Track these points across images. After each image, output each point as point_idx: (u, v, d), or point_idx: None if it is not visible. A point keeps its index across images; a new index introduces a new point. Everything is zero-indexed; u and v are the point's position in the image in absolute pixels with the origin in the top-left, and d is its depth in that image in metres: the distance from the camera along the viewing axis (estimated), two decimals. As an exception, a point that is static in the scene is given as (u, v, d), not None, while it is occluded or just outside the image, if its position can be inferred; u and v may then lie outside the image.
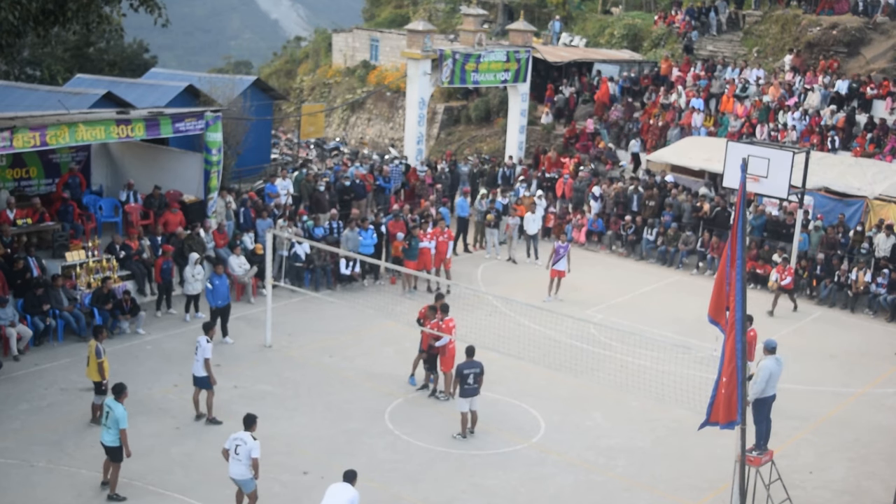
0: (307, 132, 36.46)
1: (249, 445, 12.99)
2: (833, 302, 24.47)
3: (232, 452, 13.09)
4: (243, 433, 13.14)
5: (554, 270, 23.59)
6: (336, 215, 25.30)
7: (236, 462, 13.06)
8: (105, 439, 13.92)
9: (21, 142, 19.49)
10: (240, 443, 13.03)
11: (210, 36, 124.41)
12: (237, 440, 13.08)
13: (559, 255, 23.46)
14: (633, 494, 14.97)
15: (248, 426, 13.22)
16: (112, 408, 13.84)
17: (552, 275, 23.66)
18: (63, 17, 20.32)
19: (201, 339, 16.34)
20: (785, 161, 23.73)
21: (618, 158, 32.61)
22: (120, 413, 13.78)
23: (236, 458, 13.05)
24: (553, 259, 23.57)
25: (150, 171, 24.71)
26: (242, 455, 13.01)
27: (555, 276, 23.66)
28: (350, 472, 12.38)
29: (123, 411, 13.84)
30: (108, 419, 13.86)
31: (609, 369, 18.50)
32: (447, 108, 39.00)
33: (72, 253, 21.04)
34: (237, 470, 13.11)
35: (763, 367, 14.83)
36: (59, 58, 39.78)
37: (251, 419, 13.31)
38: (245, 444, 13.00)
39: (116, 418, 13.75)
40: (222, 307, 19.82)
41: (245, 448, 12.99)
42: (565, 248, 23.58)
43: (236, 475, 13.16)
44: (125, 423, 13.78)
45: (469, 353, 16.35)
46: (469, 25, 32.57)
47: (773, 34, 36.48)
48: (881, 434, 17.44)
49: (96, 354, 15.79)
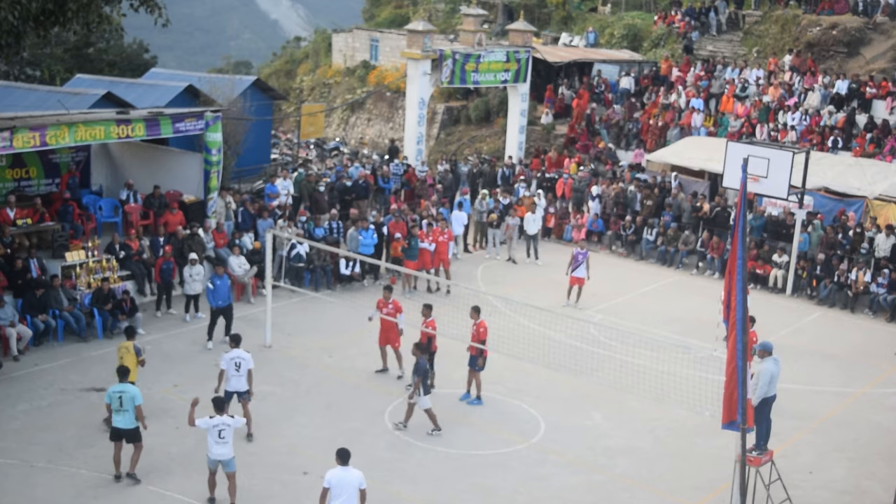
0: (307, 132, 36.46)
1: (234, 424, 13.70)
2: (833, 302, 24.47)
3: (216, 437, 13.57)
4: (222, 417, 13.64)
5: (573, 278, 23.14)
6: (336, 215, 25.31)
7: (222, 444, 13.61)
8: (122, 424, 14.29)
9: (21, 142, 19.49)
10: (223, 427, 13.60)
11: (210, 36, 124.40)
12: (219, 425, 13.59)
13: (578, 262, 22.99)
14: (632, 494, 14.97)
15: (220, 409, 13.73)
16: (124, 390, 14.28)
17: (571, 282, 23.21)
18: (63, 18, 20.35)
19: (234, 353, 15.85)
20: (785, 161, 23.75)
21: (618, 158, 32.61)
22: (133, 391, 14.30)
23: (221, 441, 13.60)
24: (572, 266, 23.11)
25: (149, 172, 24.71)
26: (228, 437, 13.63)
27: (574, 284, 23.20)
28: (344, 452, 12.41)
29: (136, 389, 14.39)
30: (122, 403, 14.23)
31: (609, 369, 18.50)
32: (447, 109, 39.01)
33: (72, 253, 21.03)
34: (222, 451, 13.63)
35: (765, 370, 14.81)
36: (59, 58, 39.77)
37: (220, 402, 13.84)
38: (229, 426, 13.64)
39: (132, 396, 14.23)
40: (223, 308, 19.76)
41: (229, 430, 13.63)
42: (584, 254, 23.12)
43: (222, 456, 13.65)
44: (140, 399, 14.29)
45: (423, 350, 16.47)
46: (469, 25, 32.58)
47: (773, 34, 36.48)
48: (881, 434, 17.44)
49: (136, 353, 16.10)
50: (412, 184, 29.28)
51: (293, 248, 23.30)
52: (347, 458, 12.36)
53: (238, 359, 15.70)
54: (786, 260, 25.33)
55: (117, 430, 14.36)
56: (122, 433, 14.35)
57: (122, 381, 14.48)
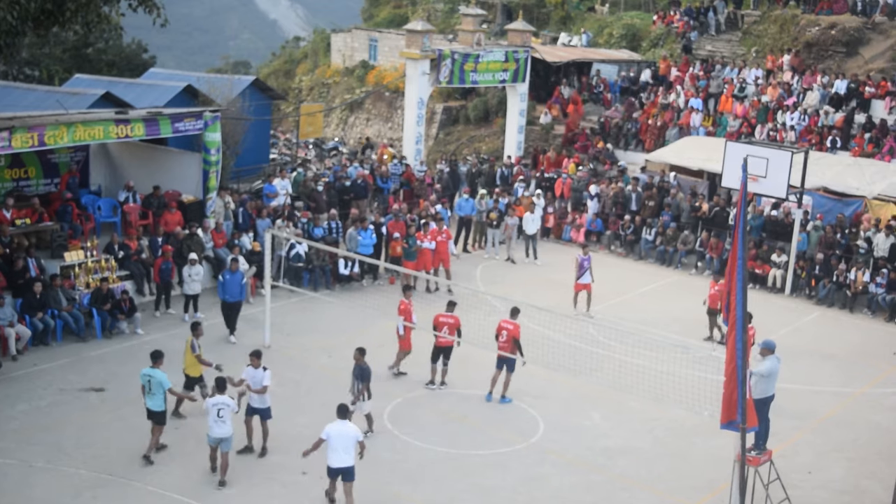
0: (306, 132, 36.46)
1: (232, 405, 14.32)
2: (832, 302, 24.48)
3: (215, 416, 14.18)
4: (221, 397, 14.27)
5: (579, 284, 22.52)
6: (335, 215, 25.31)
7: (221, 423, 14.20)
8: (151, 405, 14.99)
9: (19, 142, 19.47)
10: (222, 406, 14.21)
11: (209, 36, 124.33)
12: (219, 404, 14.22)
13: (583, 269, 22.40)
14: (631, 494, 14.97)
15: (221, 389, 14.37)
16: (152, 374, 14.88)
17: (577, 288, 22.58)
18: (62, 17, 20.35)
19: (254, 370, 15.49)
20: (784, 161, 23.76)
21: (616, 158, 32.61)
22: (160, 376, 14.87)
23: (220, 420, 14.18)
24: (577, 272, 22.49)
25: (148, 171, 24.69)
26: (226, 416, 14.21)
27: (580, 290, 22.58)
28: (343, 407, 13.60)
29: (163, 374, 14.91)
30: (151, 387, 14.89)
31: (608, 369, 18.49)
32: (446, 108, 39.00)
33: (70, 253, 21.02)
34: (221, 430, 14.23)
35: (766, 368, 14.76)
36: (58, 58, 39.73)
37: (222, 382, 14.48)
38: (228, 406, 14.25)
39: (159, 381, 14.85)
40: (231, 303, 19.97)
41: (228, 410, 14.23)
42: (588, 259, 22.59)
43: (222, 434, 14.26)
44: (168, 383, 14.94)
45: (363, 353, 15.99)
46: (468, 25, 32.57)
47: (772, 34, 36.49)
48: (880, 434, 17.45)
49: (192, 349, 16.35)
50: (411, 183, 29.28)
51: (292, 248, 23.29)
52: (346, 413, 13.49)
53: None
54: (785, 260, 25.35)
55: (147, 410, 15.09)
56: (149, 414, 15.07)
57: (153, 365, 15.00)
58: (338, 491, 13.81)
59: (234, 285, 19.98)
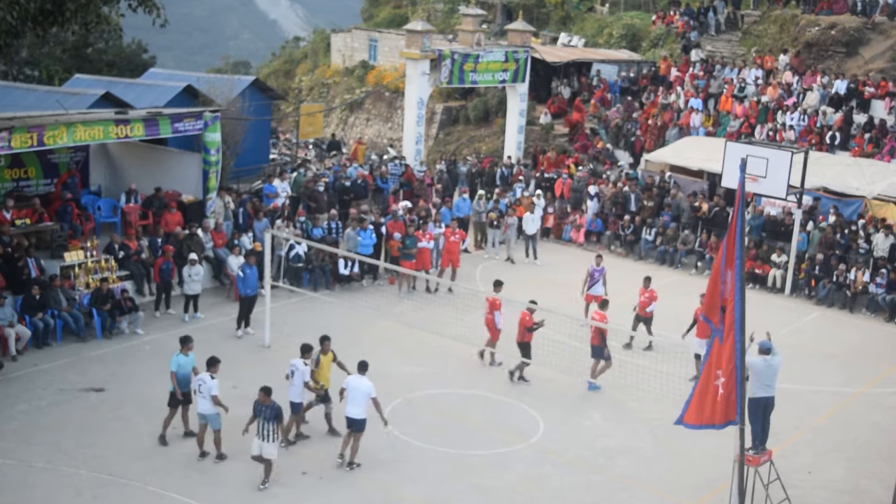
0: (306, 132, 36.46)
1: (209, 384, 14.69)
2: (831, 302, 24.48)
3: (196, 391, 14.88)
4: (204, 374, 14.83)
5: (589, 296, 21.55)
6: (335, 215, 25.30)
7: (202, 399, 14.79)
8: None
9: (19, 142, 19.47)
10: (201, 382, 14.77)
11: (209, 36, 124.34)
12: (199, 381, 14.83)
13: (594, 280, 21.76)
14: (631, 494, 14.97)
15: (210, 367, 14.85)
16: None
17: (587, 300, 21.60)
18: (62, 17, 20.31)
19: (296, 361, 15.66)
20: (783, 161, 23.76)
21: (616, 158, 32.62)
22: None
23: (201, 395, 14.79)
24: (588, 283, 21.80)
25: (148, 172, 24.70)
26: (205, 392, 14.72)
27: (590, 301, 21.48)
28: (363, 363, 14.84)
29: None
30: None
31: (608, 369, 18.49)
32: (446, 108, 39.01)
33: (70, 253, 21.01)
34: (204, 406, 14.79)
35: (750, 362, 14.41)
36: (58, 58, 39.74)
37: (213, 360, 14.92)
38: (205, 383, 14.72)
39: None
40: (251, 296, 20.38)
41: (206, 386, 14.71)
42: (601, 271, 21.73)
43: (204, 410, 14.83)
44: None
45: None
46: (468, 25, 32.56)
47: (772, 34, 36.50)
48: (880, 434, 17.46)
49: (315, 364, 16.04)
50: (411, 183, 29.29)
51: (292, 249, 23.28)
52: (365, 369, 14.82)
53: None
54: (784, 260, 25.35)
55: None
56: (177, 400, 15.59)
57: (181, 351, 15.42)
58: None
59: (253, 279, 20.36)
